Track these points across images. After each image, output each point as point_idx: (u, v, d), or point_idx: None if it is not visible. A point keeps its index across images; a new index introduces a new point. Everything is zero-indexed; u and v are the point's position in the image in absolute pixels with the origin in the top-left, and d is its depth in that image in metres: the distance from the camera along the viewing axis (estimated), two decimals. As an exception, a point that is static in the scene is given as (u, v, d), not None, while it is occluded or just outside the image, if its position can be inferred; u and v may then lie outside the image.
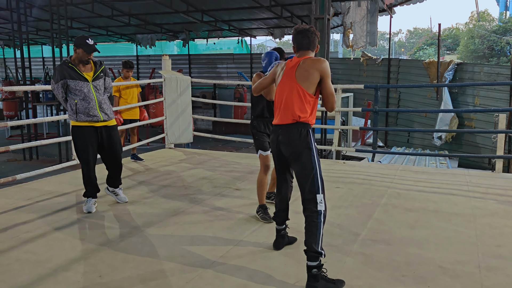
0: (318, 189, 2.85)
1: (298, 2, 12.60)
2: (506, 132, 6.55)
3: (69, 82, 3.98)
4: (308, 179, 2.86)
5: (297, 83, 2.95)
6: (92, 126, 4.10)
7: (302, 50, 3.07)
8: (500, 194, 4.91)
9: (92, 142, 4.11)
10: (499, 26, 25.66)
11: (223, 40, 20.93)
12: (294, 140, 2.93)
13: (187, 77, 7.72)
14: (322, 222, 2.80)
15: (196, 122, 19.65)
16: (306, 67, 2.94)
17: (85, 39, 3.99)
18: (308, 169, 2.88)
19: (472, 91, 12.31)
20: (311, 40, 3.05)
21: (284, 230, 3.33)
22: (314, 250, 2.72)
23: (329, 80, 2.95)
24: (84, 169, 4.17)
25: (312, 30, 3.07)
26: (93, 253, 3.20)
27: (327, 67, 2.94)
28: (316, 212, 2.80)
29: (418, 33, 51.11)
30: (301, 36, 3.06)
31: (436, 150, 12.97)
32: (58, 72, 4.00)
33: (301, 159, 2.91)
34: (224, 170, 6.11)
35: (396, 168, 6.63)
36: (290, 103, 2.96)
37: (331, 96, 2.98)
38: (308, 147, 2.91)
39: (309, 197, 2.85)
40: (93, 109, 4.05)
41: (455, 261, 3.09)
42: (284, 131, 2.98)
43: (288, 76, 3.02)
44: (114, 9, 14.12)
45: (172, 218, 4.00)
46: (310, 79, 2.92)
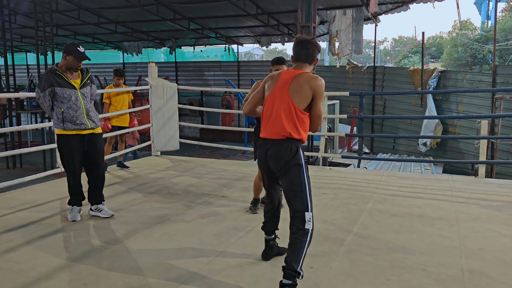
0: (307, 206, 2.73)
1: (284, 10, 12.73)
2: (488, 138, 6.67)
3: (56, 90, 3.92)
4: (297, 196, 2.75)
5: (290, 97, 2.79)
6: (79, 135, 4.04)
7: (299, 62, 2.90)
8: (482, 199, 4.99)
9: (78, 150, 4.06)
10: (481, 35, 26.19)
11: (210, 48, 21.00)
12: (283, 156, 2.79)
13: (174, 84, 7.72)
14: (307, 242, 2.68)
15: (183, 130, 19.60)
16: (300, 82, 2.79)
17: (76, 47, 3.96)
18: (296, 185, 2.76)
19: (455, 98, 12.52)
20: (310, 52, 2.88)
21: (273, 240, 3.21)
22: (293, 268, 2.61)
23: (320, 101, 2.83)
24: (70, 177, 4.11)
25: (313, 42, 2.88)
26: (77, 261, 3.16)
27: (321, 87, 2.80)
28: (303, 230, 2.68)
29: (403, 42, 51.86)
30: (300, 47, 2.89)
31: (421, 156, 13.13)
32: (45, 80, 3.92)
33: (290, 175, 2.78)
34: (211, 177, 6.10)
35: (382, 174, 6.69)
36: (280, 118, 2.80)
37: (318, 118, 2.85)
38: (297, 163, 2.78)
39: (297, 215, 2.73)
40: (81, 116, 4.00)
41: (439, 265, 3.13)
42: (273, 147, 2.83)
43: (281, 88, 2.84)
44: (101, 16, 14.09)
45: (158, 226, 3.97)
46: (302, 95, 2.78)
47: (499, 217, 4.29)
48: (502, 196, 5.16)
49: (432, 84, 13.02)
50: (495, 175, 10.22)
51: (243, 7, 12.01)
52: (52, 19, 11.24)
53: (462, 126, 12.31)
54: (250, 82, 16.55)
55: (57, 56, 15.67)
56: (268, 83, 2.99)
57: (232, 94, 18.05)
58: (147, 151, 9.53)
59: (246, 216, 4.26)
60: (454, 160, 11.79)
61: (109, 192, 5.09)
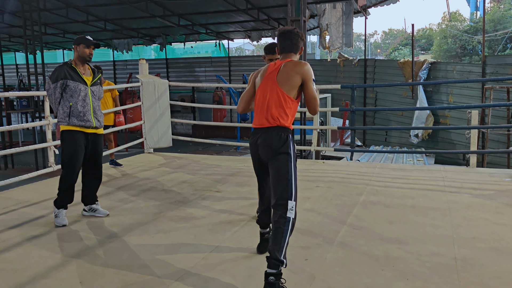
0: (291, 195, 2.74)
1: (274, 4, 12.70)
2: (478, 128, 6.73)
3: (68, 83, 3.89)
4: (282, 184, 2.77)
5: (278, 86, 2.86)
6: (83, 132, 4.00)
7: (285, 53, 2.96)
8: (474, 188, 5.05)
9: (82, 148, 4.00)
10: (470, 26, 26.34)
11: (200, 44, 20.95)
12: (273, 143, 2.83)
13: (165, 80, 7.69)
14: (289, 230, 2.69)
15: (176, 126, 19.55)
16: (287, 70, 2.85)
17: (84, 36, 4.01)
18: (283, 173, 2.78)
19: (446, 89, 12.61)
20: (293, 42, 2.94)
21: (268, 233, 3.19)
22: (276, 257, 2.61)
23: (310, 84, 2.86)
24: (68, 175, 3.97)
25: (295, 31, 2.95)
26: (72, 260, 3.16)
27: (308, 70, 2.86)
28: (285, 219, 2.69)
29: (393, 34, 52.03)
30: (283, 38, 2.96)
31: (413, 147, 13.21)
32: (59, 72, 3.91)
33: (277, 162, 2.81)
34: (204, 174, 6.10)
35: (374, 166, 6.73)
36: (270, 106, 2.86)
37: (313, 99, 2.89)
38: (286, 151, 2.82)
39: (280, 202, 2.74)
40: (88, 114, 3.98)
41: (433, 254, 3.16)
42: (264, 134, 2.88)
43: (270, 79, 2.91)
44: (89, 14, 13.97)
45: (153, 223, 3.97)
46: (290, 83, 2.83)
47: (490, 205, 4.34)
48: (493, 185, 5.22)
49: (422, 76, 13.09)
50: (486, 165, 10.32)
51: (233, 2, 11.97)
52: (40, 17, 11.13)
53: (453, 117, 12.41)
54: (242, 77, 16.53)
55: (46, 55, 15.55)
56: (258, 78, 3.06)
57: (223, 89, 18.01)
58: (140, 149, 9.50)
59: (240, 210, 4.27)
60: (446, 150, 11.89)
61: (102, 191, 5.07)
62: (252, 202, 4.56)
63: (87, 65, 4.11)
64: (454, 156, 12.02)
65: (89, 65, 4.14)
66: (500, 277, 2.79)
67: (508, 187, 5.07)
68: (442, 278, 2.79)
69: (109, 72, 21.27)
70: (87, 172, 4.18)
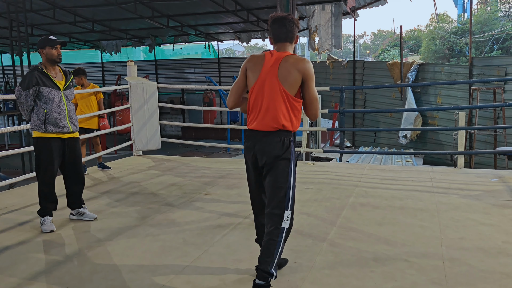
0: (288, 205, 2.59)
1: (263, 6, 12.71)
2: (466, 129, 6.80)
3: (41, 89, 3.77)
4: (279, 193, 2.59)
5: (281, 84, 2.58)
6: (59, 138, 3.90)
7: (279, 42, 2.68)
8: (462, 189, 5.09)
9: (58, 155, 3.91)
10: (457, 28, 26.62)
11: (190, 45, 20.85)
12: (273, 150, 2.61)
13: (154, 82, 7.65)
14: (282, 241, 2.57)
15: (165, 128, 19.46)
16: (288, 66, 2.58)
17: (47, 37, 3.85)
18: (281, 181, 2.59)
19: (434, 90, 12.73)
20: (288, 30, 2.65)
21: None
22: (266, 270, 2.51)
23: (312, 83, 2.63)
24: (45, 184, 3.90)
25: (289, 18, 2.66)
26: (59, 265, 3.12)
27: (310, 68, 2.60)
28: (278, 230, 2.55)
29: (382, 35, 52.39)
30: (277, 26, 2.65)
31: (402, 148, 13.31)
32: (30, 78, 3.76)
33: (277, 169, 2.60)
34: (193, 176, 6.07)
35: (363, 167, 6.76)
36: (273, 108, 2.59)
37: (314, 101, 2.64)
38: (287, 157, 2.62)
39: (275, 212, 2.58)
40: (64, 119, 3.87)
41: (421, 255, 3.18)
42: (263, 139, 2.63)
43: (269, 75, 2.62)
44: (77, 15, 13.84)
45: (141, 226, 3.94)
46: (291, 81, 2.58)
47: (478, 206, 4.38)
48: (481, 185, 5.27)
49: (411, 77, 13.20)
50: (474, 165, 10.44)
51: (222, 3, 11.96)
52: (26, 18, 11.00)
53: (441, 117, 12.53)
54: (232, 79, 16.50)
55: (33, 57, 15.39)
56: (251, 69, 2.71)
57: (213, 91, 17.97)
58: (129, 151, 9.43)
59: (230, 213, 4.26)
60: (434, 151, 11.99)
61: (90, 194, 5.03)
62: (242, 205, 4.55)
63: (58, 67, 3.97)
64: (442, 156, 12.13)
65: (60, 67, 4.01)
66: (487, 277, 2.81)
67: (494, 188, 5.12)
68: (430, 279, 2.80)
69: (98, 74, 21.11)
70: (69, 177, 4.08)
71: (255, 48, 55.41)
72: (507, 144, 10.08)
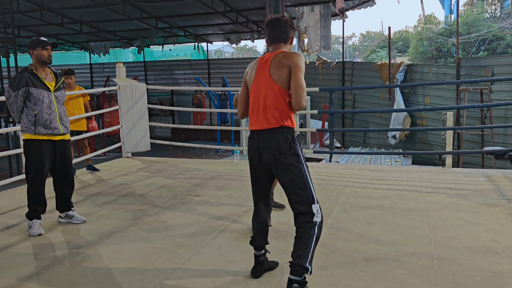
0: (313, 198, 2.56)
1: (252, 7, 12.72)
2: (454, 129, 6.87)
3: (31, 90, 3.72)
4: (301, 190, 2.56)
5: (273, 81, 2.62)
6: (50, 141, 3.86)
7: (274, 44, 2.73)
8: (450, 188, 5.15)
9: (48, 158, 3.86)
10: (445, 29, 26.89)
11: (179, 46, 20.78)
12: (279, 146, 2.59)
13: (143, 84, 7.61)
14: (315, 235, 2.51)
15: (155, 130, 19.36)
16: (277, 62, 2.63)
17: (38, 38, 3.83)
18: (298, 178, 2.56)
19: (422, 90, 12.85)
20: (282, 31, 2.71)
21: (263, 256, 2.91)
22: (301, 264, 2.45)
23: (298, 71, 2.59)
24: (35, 187, 3.85)
25: (284, 19, 2.72)
26: (48, 269, 3.08)
27: (296, 58, 2.61)
28: (311, 223, 2.52)
29: (371, 37, 52.75)
30: (271, 28, 2.72)
31: (391, 148, 13.41)
32: (20, 79, 3.72)
33: (289, 168, 2.57)
34: (183, 178, 6.05)
35: (353, 167, 6.80)
36: (269, 105, 2.63)
37: (300, 88, 2.57)
38: (295, 153, 2.59)
39: (303, 210, 2.54)
40: (54, 121, 3.82)
41: (410, 254, 3.21)
42: (266, 137, 2.63)
43: (262, 75, 2.68)
44: (64, 16, 13.72)
45: (131, 229, 3.91)
46: (282, 75, 2.60)
47: (466, 205, 4.43)
48: (469, 184, 5.33)
49: (399, 78, 13.31)
50: (462, 165, 10.57)
51: (211, 4, 11.94)
52: (13, 20, 10.87)
53: (429, 118, 12.65)
54: (221, 80, 16.49)
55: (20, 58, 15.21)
56: (249, 75, 2.81)
57: (203, 92, 17.93)
58: (118, 153, 9.36)
59: (220, 215, 4.25)
60: (423, 151, 12.10)
61: (79, 197, 4.99)
62: (232, 206, 4.55)
63: (48, 69, 3.94)
64: (431, 156, 12.25)
65: (50, 68, 3.97)
66: (475, 276, 2.85)
67: (482, 187, 5.19)
68: (419, 278, 2.83)
69: (86, 76, 20.94)
70: (59, 180, 4.04)
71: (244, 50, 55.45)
72: (494, 144, 10.22)
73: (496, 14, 28.24)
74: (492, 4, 28.64)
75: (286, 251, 3.23)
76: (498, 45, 23.12)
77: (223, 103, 16.03)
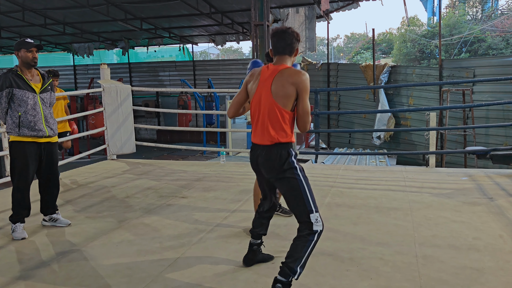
0: (311, 208, 2.61)
1: (237, 9, 12.75)
2: (437, 129, 6.98)
3: (15, 91, 3.68)
4: (299, 202, 2.63)
5: (273, 99, 2.64)
6: (36, 142, 3.81)
7: (278, 55, 2.75)
8: (434, 187, 5.23)
9: (34, 160, 3.81)
10: (428, 31, 27.30)
11: (164, 48, 20.70)
12: (274, 163, 2.67)
13: (127, 85, 7.56)
14: (314, 241, 2.57)
15: (140, 132, 19.23)
16: (282, 81, 2.63)
17: (24, 40, 3.79)
18: (296, 190, 2.64)
19: (406, 92, 13.00)
20: (287, 43, 2.71)
21: (258, 246, 3.05)
22: (291, 266, 2.52)
23: (306, 96, 2.65)
24: (19, 189, 3.80)
25: (289, 31, 2.72)
26: (32, 273, 3.04)
27: (305, 82, 2.62)
28: (312, 231, 2.59)
29: (355, 38, 53.23)
30: (276, 39, 2.73)
31: (376, 149, 13.54)
32: (4, 80, 3.69)
33: (286, 182, 2.66)
34: (169, 179, 6.03)
35: (339, 168, 6.85)
36: (267, 122, 2.67)
37: (306, 115, 2.68)
38: (291, 166, 2.66)
39: (303, 220, 2.62)
40: (39, 122, 3.78)
41: (395, 253, 3.25)
42: (264, 153, 2.71)
43: (264, 89, 2.70)
44: (47, 17, 13.56)
45: (117, 231, 3.88)
46: (286, 96, 2.62)
47: (449, 204, 4.51)
48: (451, 184, 5.42)
49: (383, 79, 13.46)
50: (445, 164, 10.73)
51: (196, 6, 11.93)
52: (-6, 21, 10.71)
53: (413, 118, 12.81)
54: (207, 82, 16.45)
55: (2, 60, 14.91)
56: (250, 83, 2.84)
57: (188, 94, 17.87)
58: (103, 155, 9.28)
59: (207, 216, 4.25)
60: (407, 151, 12.25)
61: (63, 199, 4.93)
62: (219, 207, 4.55)
63: (35, 70, 3.89)
64: (415, 156, 12.40)
65: (37, 70, 3.93)
66: (458, 273, 2.90)
67: (465, 186, 5.28)
68: (404, 276, 2.87)
69: (70, 77, 20.69)
70: (44, 183, 3.99)
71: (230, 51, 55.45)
72: (476, 144, 10.40)
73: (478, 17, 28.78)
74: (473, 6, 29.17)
75: (273, 251, 3.25)
76: (480, 46, 23.55)
77: (209, 104, 16.00)
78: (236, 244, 3.49)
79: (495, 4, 28.63)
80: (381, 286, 2.75)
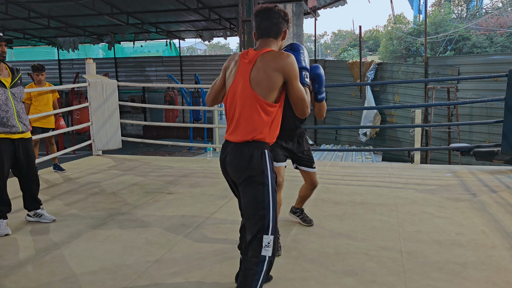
0: (268, 228, 2.16)
1: (225, 4, 12.69)
2: (422, 126, 7.06)
3: None
4: (256, 215, 2.18)
5: (252, 89, 2.18)
6: (9, 139, 3.73)
7: (262, 38, 2.28)
8: (418, 184, 5.29)
9: (8, 157, 3.73)
10: (414, 29, 27.53)
11: (151, 43, 20.53)
12: (243, 164, 2.21)
13: (113, 80, 7.49)
14: (263, 272, 2.15)
15: (126, 127, 19.06)
16: (264, 67, 2.17)
17: None
18: (258, 200, 2.19)
19: (392, 89, 13.13)
20: (273, 22, 2.25)
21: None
22: None
23: (296, 82, 2.20)
24: None
25: (276, 9, 2.27)
26: (15, 269, 3.00)
27: (292, 64, 2.17)
28: (258, 258, 2.15)
29: (342, 35, 53.41)
30: (259, 19, 2.27)
31: (362, 145, 13.65)
32: None
33: (250, 188, 2.20)
34: (156, 175, 6.00)
35: (325, 164, 6.89)
36: (244, 117, 2.21)
37: (300, 101, 2.23)
38: (261, 172, 2.20)
39: (253, 238, 2.18)
40: (12, 118, 3.70)
41: (380, 248, 3.29)
42: (233, 152, 2.25)
43: (242, 79, 2.23)
44: (31, 10, 13.33)
45: (102, 227, 3.85)
46: (269, 85, 2.17)
47: (433, 200, 4.57)
48: (436, 180, 5.49)
49: (370, 76, 13.56)
50: (430, 161, 10.87)
51: (184, 1, 11.85)
52: (-24, 13, 10.49)
53: (398, 115, 12.95)
54: (194, 77, 16.36)
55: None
56: (228, 70, 2.38)
57: (175, 89, 17.77)
58: (88, 151, 9.19)
59: (193, 212, 4.24)
60: (392, 148, 12.38)
61: (48, 195, 4.87)
62: (205, 203, 4.55)
63: (3, 65, 3.80)
64: (400, 153, 12.54)
65: (6, 64, 3.83)
66: (442, 268, 2.94)
67: (448, 182, 5.35)
68: (388, 271, 2.90)
69: (54, 72, 20.40)
70: (23, 179, 3.93)
71: (217, 47, 55.22)
72: (460, 141, 10.56)
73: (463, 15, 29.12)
74: (458, 5, 29.50)
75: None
76: (464, 45, 23.85)
77: (196, 100, 15.93)
78: (222, 240, 3.50)
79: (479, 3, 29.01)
80: (366, 281, 2.78)
